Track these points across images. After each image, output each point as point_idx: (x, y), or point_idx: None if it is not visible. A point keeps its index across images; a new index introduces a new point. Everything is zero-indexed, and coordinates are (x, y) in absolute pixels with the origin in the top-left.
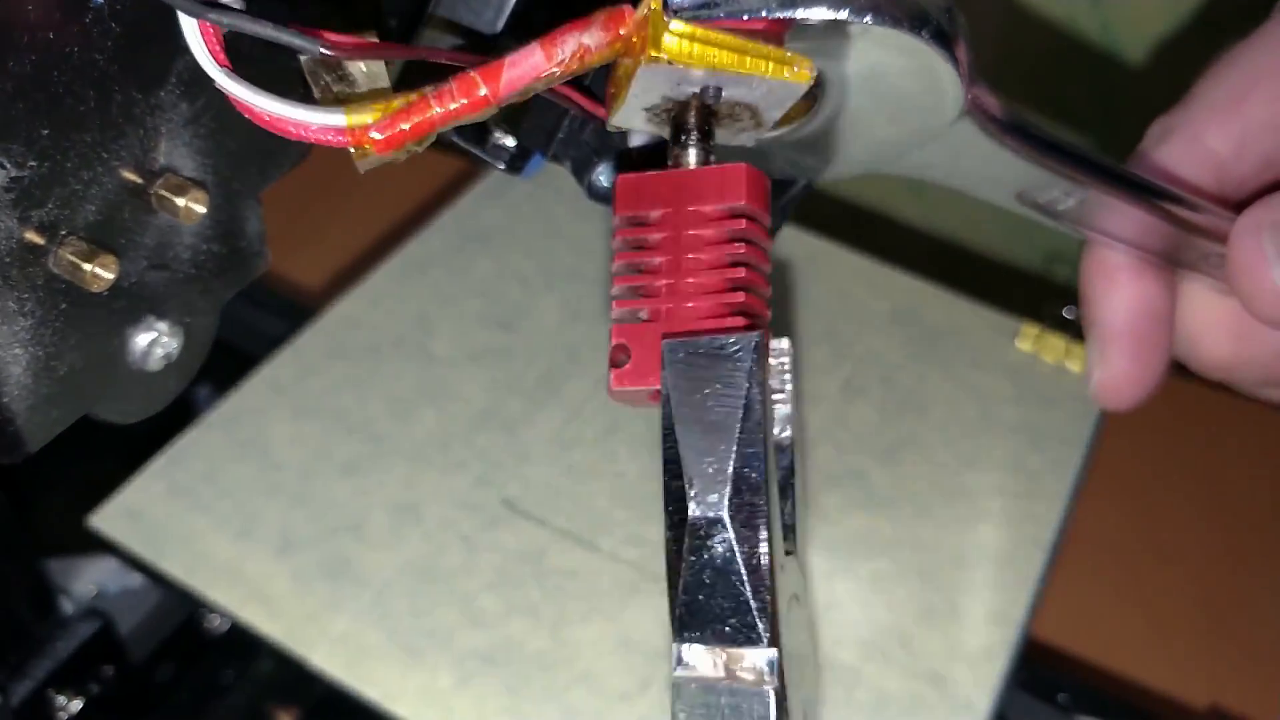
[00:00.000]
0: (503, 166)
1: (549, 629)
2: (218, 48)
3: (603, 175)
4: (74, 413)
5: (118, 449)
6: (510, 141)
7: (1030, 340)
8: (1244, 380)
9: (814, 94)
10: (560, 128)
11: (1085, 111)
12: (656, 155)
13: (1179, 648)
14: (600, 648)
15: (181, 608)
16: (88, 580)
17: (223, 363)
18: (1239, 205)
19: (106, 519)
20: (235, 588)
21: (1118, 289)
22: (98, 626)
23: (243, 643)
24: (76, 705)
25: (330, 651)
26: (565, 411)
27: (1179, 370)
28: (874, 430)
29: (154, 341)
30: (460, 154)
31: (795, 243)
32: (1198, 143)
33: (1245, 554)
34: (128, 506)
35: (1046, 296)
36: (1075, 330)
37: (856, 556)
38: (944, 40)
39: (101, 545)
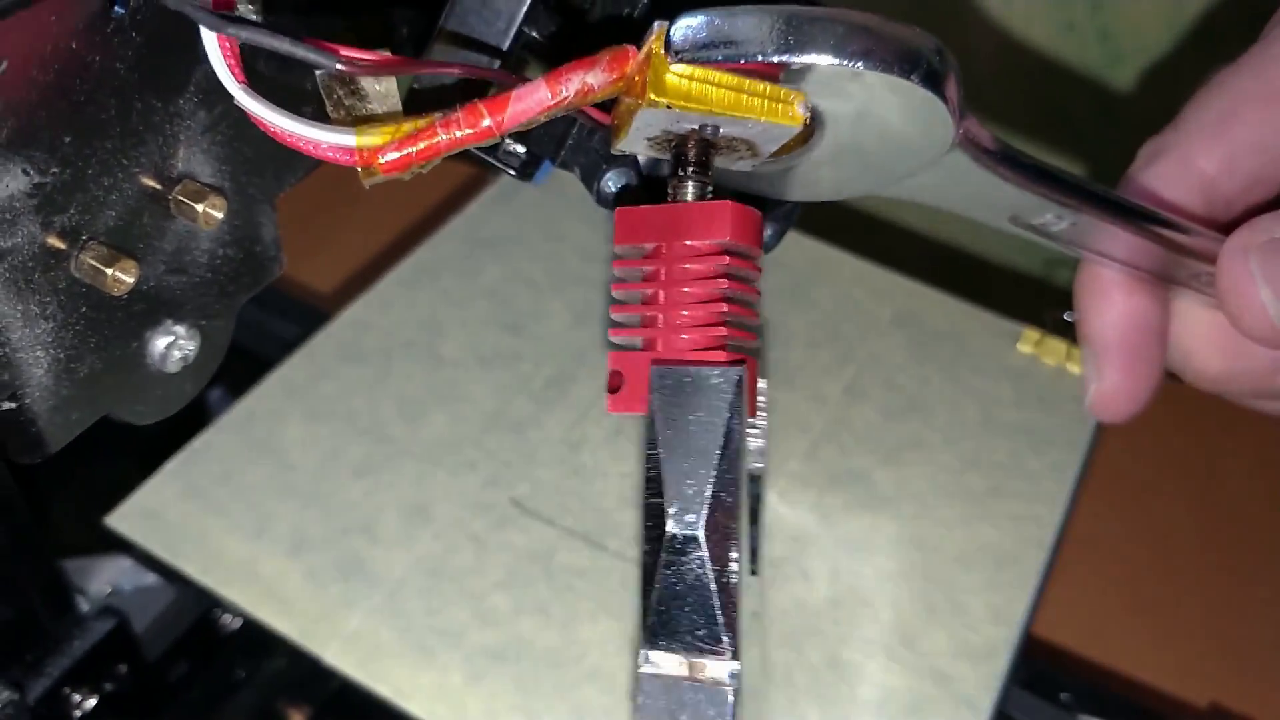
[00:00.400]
0: (514, 173)
1: (558, 627)
2: (236, 64)
3: (611, 182)
4: (94, 414)
5: (132, 451)
6: (521, 148)
7: (1031, 344)
8: (1236, 392)
9: (810, 128)
10: (569, 135)
11: (1084, 119)
12: (660, 167)
13: (1180, 647)
14: (609, 646)
15: (195, 606)
16: (103, 579)
17: (237, 366)
18: (1228, 224)
19: (123, 519)
20: (249, 587)
21: (1111, 305)
22: (113, 625)
23: (255, 641)
24: (91, 702)
25: (343, 649)
26: (573, 413)
27: (1175, 375)
28: (877, 432)
29: (172, 344)
30: (471, 160)
31: (799, 248)
32: (1188, 163)
33: (1244, 553)
34: (144, 507)
35: (1047, 301)
36: (1075, 334)
37: (860, 556)
38: (935, 81)
39: (117, 545)
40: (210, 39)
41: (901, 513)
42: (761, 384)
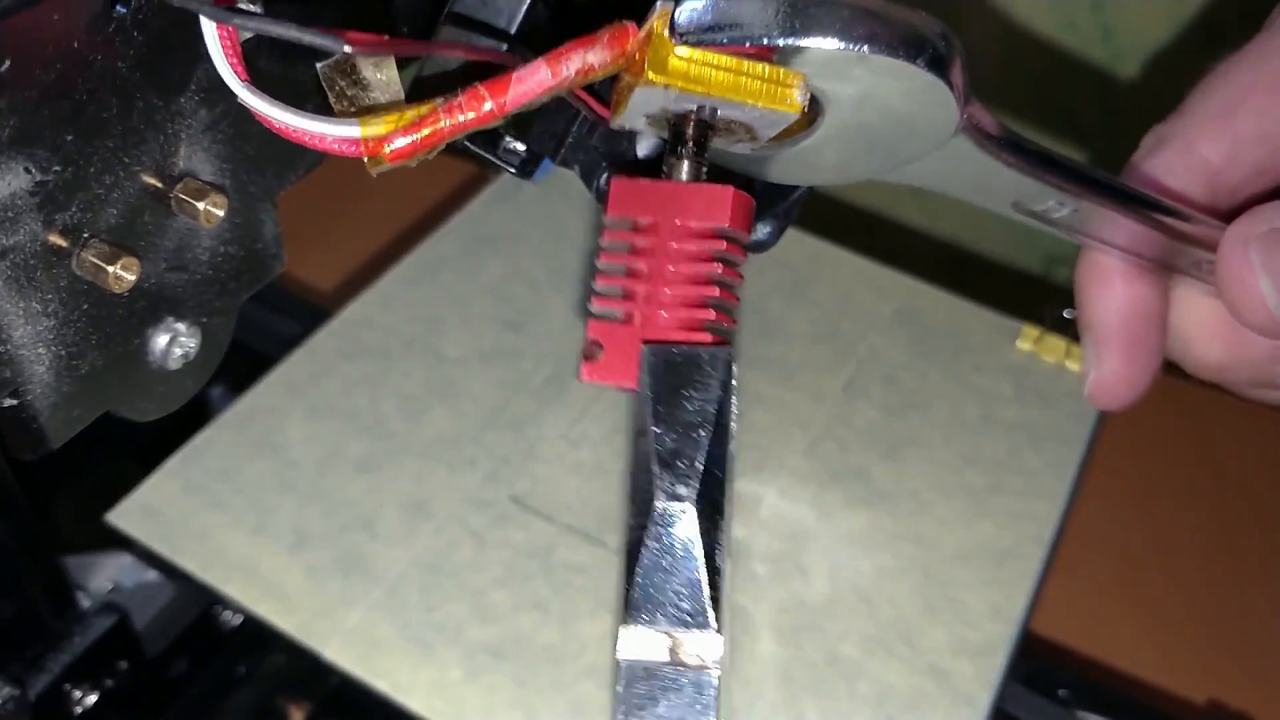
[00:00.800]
0: (514, 171)
1: (557, 623)
2: (238, 61)
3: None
4: (95, 410)
5: (133, 447)
6: (521, 146)
7: (1031, 341)
8: (1236, 381)
9: (814, 111)
10: (569, 133)
11: (1087, 118)
12: (660, 165)
13: (1178, 644)
14: (607, 642)
15: (196, 603)
16: (104, 576)
17: (237, 363)
18: (1230, 213)
19: (124, 516)
20: (250, 583)
21: (1111, 292)
22: (113, 621)
23: (256, 637)
24: (92, 699)
25: (343, 645)
26: (573, 410)
27: (1175, 370)
28: (877, 429)
29: (173, 341)
30: (471, 159)
31: (799, 245)
32: (1191, 152)
33: (1243, 550)
34: (145, 503)
35: (1047, 298)
36: (1075, 332)
37: (859, 552)
38: (940, 65)
39: (118, 542)
40: (212, 37)
41: (900, 509)
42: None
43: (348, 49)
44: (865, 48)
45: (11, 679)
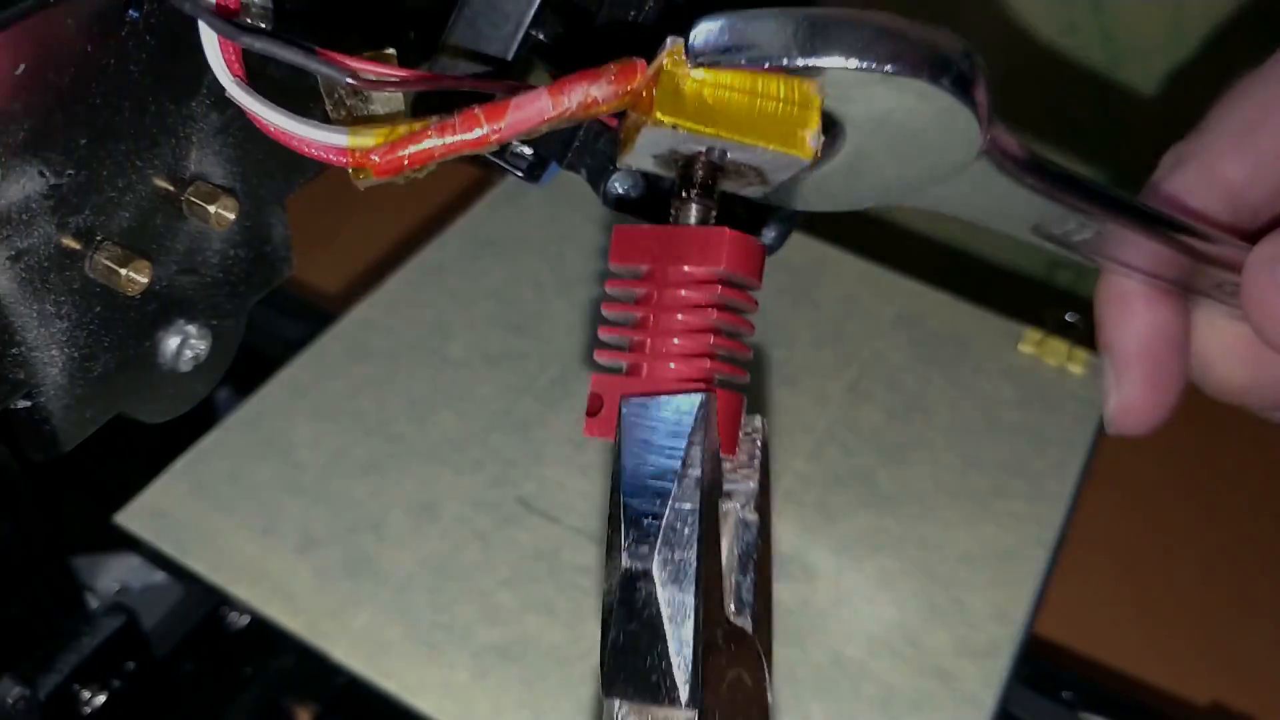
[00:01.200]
0: (521, 175)
1: (564, 624)
2: (234, 60)
3: (618, 183)
4: (107, 412)
5: (140, 450)
6: (528, 150)
7: (1033, 344)
8: (1258, 404)
9: (831, 135)
10: (576, 137)
11: (1086, 120)
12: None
13: (1181, 645)
14: None
15: (203, 604)
16: (112, 577)
17: (244, 366)
18: (1253, 233)
19: (132, 517)
20: (258, 584)
21: (1132, 316)
22: (122, 622)
23: (263, 638)
24: (101, 699)
25: (351, 646)
26: (578, 412)
27: (1195, 386)
28: (880, 432)
29: (184, 343)
30: (477, 161)
31: (803, 249)
32: (1212, 171)
33: (1245, 553)
34: (153, 505)
35: (1049, 301)
36: (1077, 335)
37: (864, 555)
38: (963, 86)
39: (126, 543)
40: (207, 33)
41: (905, 512)
42: (757, 420)
43: (350, 81)
44: (888, 68)
45: (21, 679)
